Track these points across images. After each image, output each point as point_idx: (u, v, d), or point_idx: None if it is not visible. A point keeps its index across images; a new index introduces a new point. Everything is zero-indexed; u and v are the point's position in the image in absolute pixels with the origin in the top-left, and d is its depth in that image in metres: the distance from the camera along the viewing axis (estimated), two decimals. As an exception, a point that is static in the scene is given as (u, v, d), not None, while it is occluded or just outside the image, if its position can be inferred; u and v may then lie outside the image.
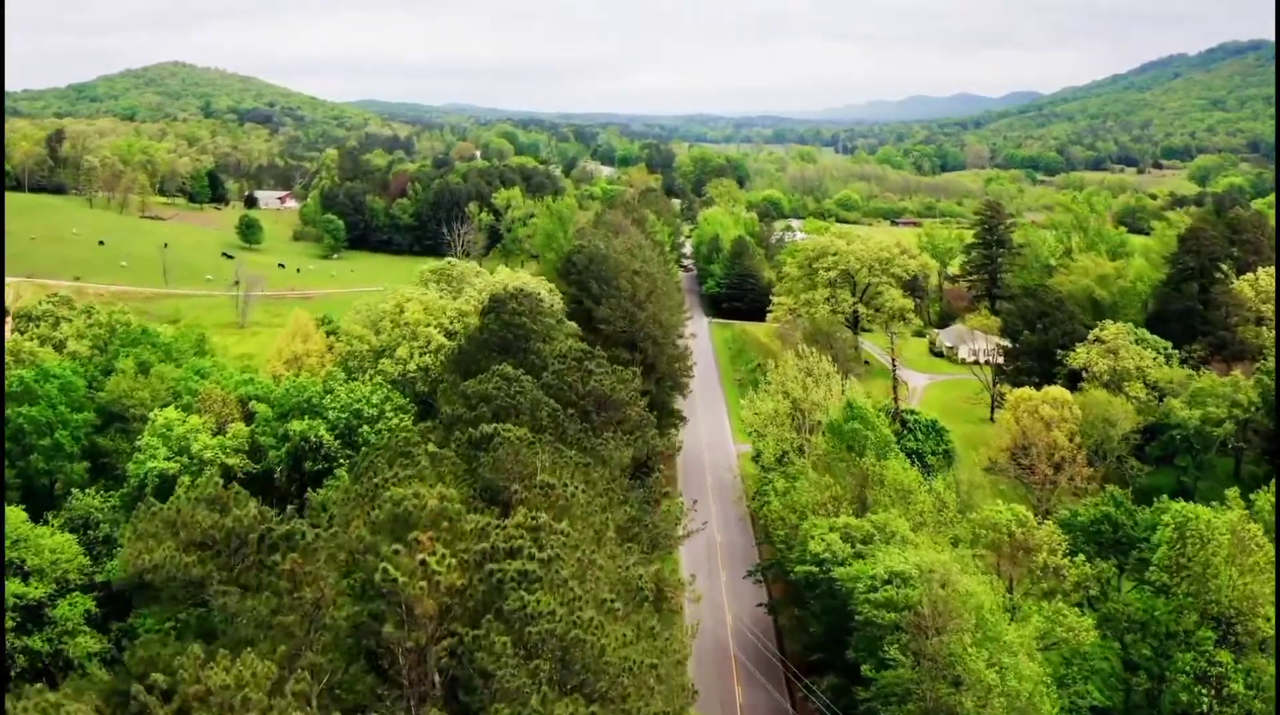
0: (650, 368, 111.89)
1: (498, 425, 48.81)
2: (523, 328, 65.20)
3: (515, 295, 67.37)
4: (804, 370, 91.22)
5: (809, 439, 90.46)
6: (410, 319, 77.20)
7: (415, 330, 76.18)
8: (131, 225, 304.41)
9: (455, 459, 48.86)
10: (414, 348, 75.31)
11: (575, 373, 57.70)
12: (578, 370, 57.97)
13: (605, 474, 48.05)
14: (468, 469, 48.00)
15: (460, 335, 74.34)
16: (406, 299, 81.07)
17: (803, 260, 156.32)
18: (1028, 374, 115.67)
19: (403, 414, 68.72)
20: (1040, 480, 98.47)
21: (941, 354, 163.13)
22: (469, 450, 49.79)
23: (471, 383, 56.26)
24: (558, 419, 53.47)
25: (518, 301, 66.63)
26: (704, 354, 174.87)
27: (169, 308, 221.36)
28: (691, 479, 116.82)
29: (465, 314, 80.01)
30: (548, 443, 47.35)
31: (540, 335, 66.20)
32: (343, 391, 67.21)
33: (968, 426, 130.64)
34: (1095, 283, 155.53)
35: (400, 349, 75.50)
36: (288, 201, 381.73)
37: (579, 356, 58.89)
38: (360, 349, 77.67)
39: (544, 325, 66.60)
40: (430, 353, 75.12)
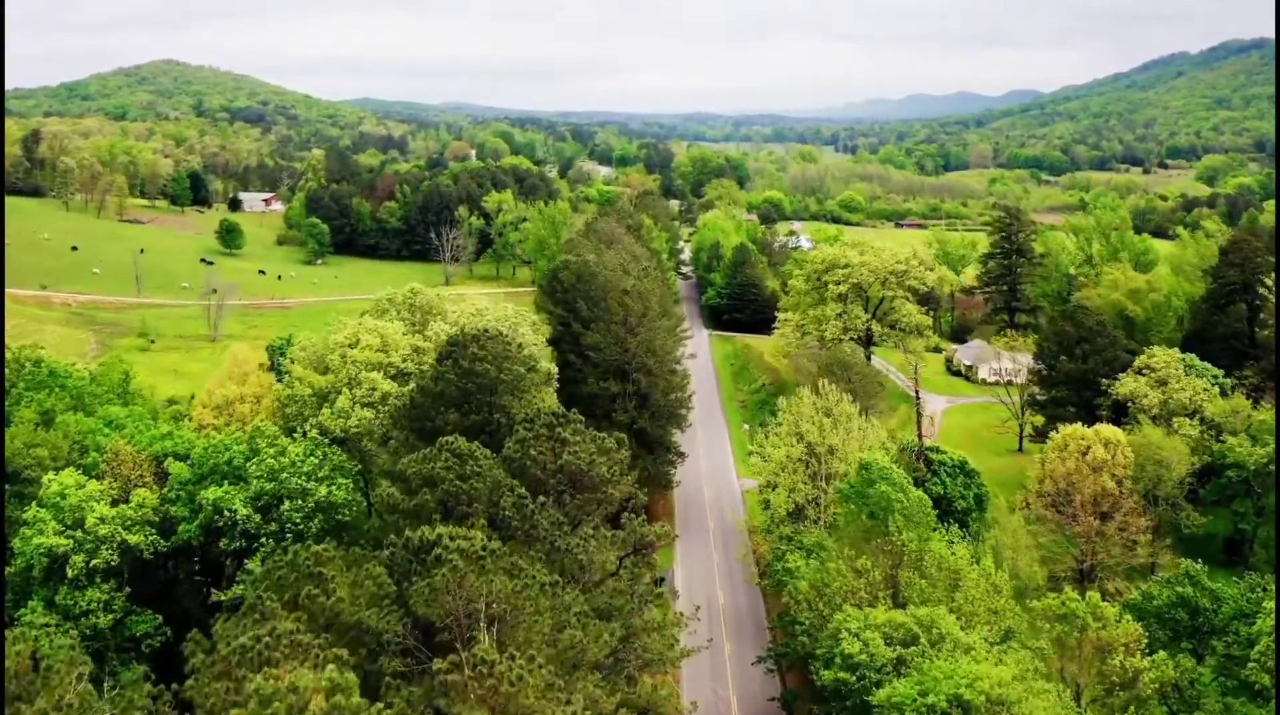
0: (644, 399, 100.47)
1: (441, 530, 37.14)
2: (486, 377, 53.60)
3: (478, 337, 55.68)
4: (821, 409, 79.48)
5: (825, 489, 78.84)
6: (357, 358, 65.49)
7: (358, 375, 64.42)
8: (108, 230, 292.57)
9: (384, 578, 37.16)
10: (356, 396, 63.64)
11: (546, 443, 46.01)
12: (549, 439, 46.27)
13: (577, 603, 36.39)
14: (399, 594, 36.37)
15: (415, 378, 62.55)
16: (358, 333, 69.29)
17: (811, 273, 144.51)
18: (1063, 404, 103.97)
19: (341, 477, 57.01)
20: (1086, 532, 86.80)
21: (960, 373, 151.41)
22: (405, 558, 38.07)
23: (413, 460, 44.59)
24: (523, 510, 41.77)
25: (480, 345, 54.99)
26: (704, 371, 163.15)
27: (139, 318, 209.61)
28: (691, 518, 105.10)
29: (423, 352, 68.11)
30: (503, 558, 35.59)
31: (508, 386, 54.56)
32: (269, 453, 55.45)
33: (995, 459, 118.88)
34: (1126, 298, 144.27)
35: (341, 398, 63.81)
36: (273, 204, 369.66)
37: (550, 422, 47.14)
38: (300, 393, 65.99)
39: (512, 374, 54.95)
40: (373, 404, 63.40)
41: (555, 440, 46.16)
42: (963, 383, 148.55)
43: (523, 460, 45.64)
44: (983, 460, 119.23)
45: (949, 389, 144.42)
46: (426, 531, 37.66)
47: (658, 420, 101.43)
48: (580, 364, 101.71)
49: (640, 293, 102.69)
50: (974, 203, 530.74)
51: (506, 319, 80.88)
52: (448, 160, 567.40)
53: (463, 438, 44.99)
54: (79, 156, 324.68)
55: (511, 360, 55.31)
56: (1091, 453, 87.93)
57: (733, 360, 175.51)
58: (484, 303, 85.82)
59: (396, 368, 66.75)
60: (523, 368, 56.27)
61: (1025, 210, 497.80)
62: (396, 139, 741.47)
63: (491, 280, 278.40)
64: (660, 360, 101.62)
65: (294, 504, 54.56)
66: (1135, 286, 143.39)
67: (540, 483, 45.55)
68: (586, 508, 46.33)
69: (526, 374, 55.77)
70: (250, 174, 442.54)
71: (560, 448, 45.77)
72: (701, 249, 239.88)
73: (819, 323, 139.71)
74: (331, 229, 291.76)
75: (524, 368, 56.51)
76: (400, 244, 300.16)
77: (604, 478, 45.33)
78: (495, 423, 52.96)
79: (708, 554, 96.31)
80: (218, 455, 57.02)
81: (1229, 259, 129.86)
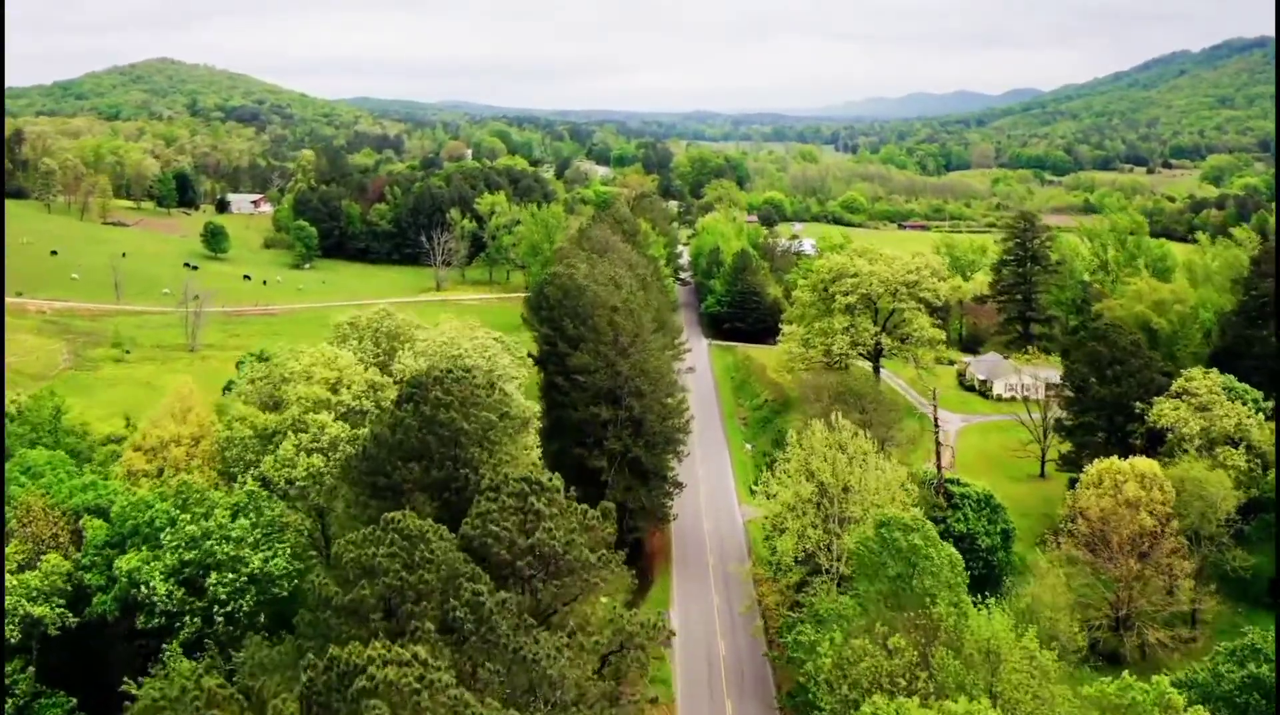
0: (638, 425, 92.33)
1: (373, 650, 29.13)
2: (450, 426, 45.65)
3: (442, 378, 47.70)
4: (834, 444, 71.44)
5: (838, 532, 70.79)
6: (304, 396, 57.32)
7: (304, 416, 56.29)
8: (90, 233, 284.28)
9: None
10: (302, 441, 55.53)
11: (514, 516, 37.99)
12: (517, 511, 38.26)
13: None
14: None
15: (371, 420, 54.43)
16: (313, 363, 61.09)
17: (816, 282, 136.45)
18: (1093, 430, 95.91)
19: (281, 543, 49.00)
20: (1125, 576, 78.83)
21: (973, 388, 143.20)
22: (325, 687, 30.02)
23: (352, 542, 36.50)
24: (480, 610, 33.70)
25: (445, 387, 47.03)
26: (703, 385, 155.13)
27: (116, 327, 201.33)
28: (690, 554, 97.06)
29: (380, 388, 59.95)
30: (445, 692, 27.52)
31: (475, 437, 46.53)
32: (194, 514, 47.28)
33: (1015, 486, 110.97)
34: (1150, 310, 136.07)
35: (285, 443, 55.70)
36: (262, 205, 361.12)
37: (520, 491, 39.06)
38: (240, 435, 57.88)
39: (482, 422, 46.94)
40: (321, 451, 55.27)
41: (526, 513, 38.14)
42: (977, 399, 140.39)
43: (485, 538, 37.59)
44: (1002, 487, 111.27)
45: (962, 406, 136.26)
46: (355, 652, 29.59)
47: (653, 448, 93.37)
48: (568, 387, 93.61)
49: (632, 310, 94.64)
50: (977, 203, 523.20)
51: (483, 349, 72.51)
52: (443, 160, 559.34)
53: (413, 516, 36.88)
54: (62, 157, 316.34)
55: (481, 406, 47.34)
56: (1125, 489, 79.95)
57: (733, 372, 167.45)
58: (460, 328, 77.44)
59: (347, 406, 58.50)
60: (494, 414, 48.14)
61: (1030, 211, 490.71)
62: (392, 138, 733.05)
63: (484, 285, 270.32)
64: (655, 383, 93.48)
65: (223, 576, 46.58)
66: (1160, 297, 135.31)
67: (506, 566, 37.52)
68: (564, 595, 38.26)
69: (498, 422, 47.64)
70: (241, 174, 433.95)
71: (532, 523, 37.75)
72: (701, 254, 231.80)
73: (825, 336, 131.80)
74: (320, 232, 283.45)
75: (496, 414, 48.35)
76: (391, 247, 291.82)
77: (585, 561, 37.27)
78: (461, 479, 45.03)
79: (707, 595, 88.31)
80: (138, 514, 49.03)
81: (1262, 269, 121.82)
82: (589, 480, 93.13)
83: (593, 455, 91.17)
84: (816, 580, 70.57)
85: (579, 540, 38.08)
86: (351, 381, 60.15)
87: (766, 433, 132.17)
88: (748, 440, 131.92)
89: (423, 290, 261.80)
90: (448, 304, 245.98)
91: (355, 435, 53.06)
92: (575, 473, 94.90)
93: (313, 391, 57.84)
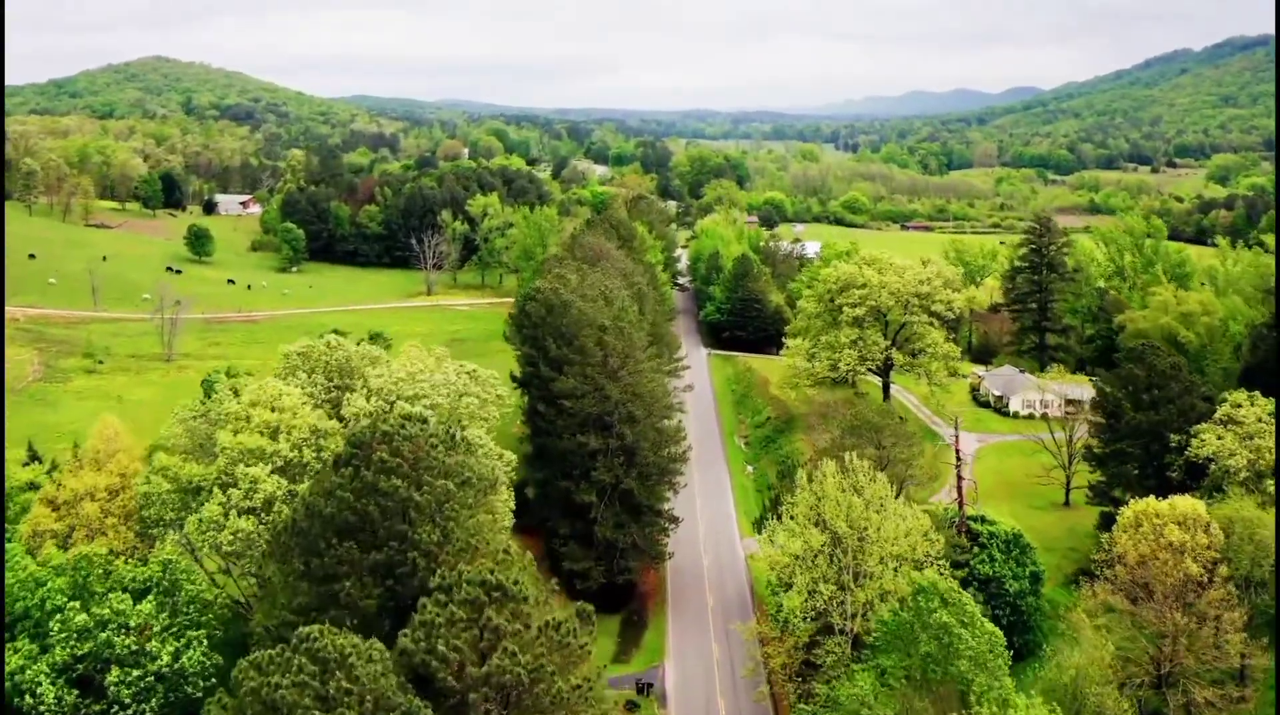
0: (630, 455, 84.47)
1: None
2: (395, 496, 37.76)
3: (390, 436, 39.64)
4: (849, 487, 63.49)
5: (853, 588, 62.82)
6: (228, 447, 49.07)
7: (234, 468, 48.25)
8: (71, 236, 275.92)
9: None
10: (232, 499, 47.44)
11: (466, 631, 30.05)
12: (470, 625, 30.31)
13: None
14: None
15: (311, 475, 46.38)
16: (253, 402, 52.92)
17: (822, 292, 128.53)
18: (1126, 460, 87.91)
19: (193, 633, 41.07)
20: (1170, 631, 70.78)
21: (988, 404, 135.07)
22: None
23: (253, 666, 28.55)
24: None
25: (392, 447, 39.13)
26: (702, 399, 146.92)
27: (90, 336, 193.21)
28: (687, 595, 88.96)
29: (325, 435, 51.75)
30: None
31: (428, 511, 38.56)
32: (75, 608, 39.14)
33: (1038, 515, 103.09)
34: (1177, 322, 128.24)
35: (211, 503, 47.64)
36: (251, 206, 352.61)
37: (475, 599, 31.10)
38: (158, 491, 49.71)
39: (435, 493, 38.97)
40: (253, 512, 47.15)
41: (482, 628, 30.17)
42: (992, 416, 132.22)
43: (428, 658, 29.62)
44: (1024, 517, 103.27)
45: (977, 424, 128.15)
46: None
47: (646, 480, 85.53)
48: (552, 414, 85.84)
49: (623, 329, 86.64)
50: (981, 203, 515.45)
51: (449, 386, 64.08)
52: (438, 159, 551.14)
53: (333, 633, 28.91)
54: (45, 157, 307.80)
55: (437, 470, 39.38)
56: (1167, 533, 72.02)
57: (734, 385, 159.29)
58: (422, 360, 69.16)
59: (285, 458, 50.42)
60: (454, 481, 40.09)
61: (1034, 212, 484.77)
62: (388, 137, 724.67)
63: (476, 289, 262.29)
64: (649, 408, 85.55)
65: (125, 674, 38.67)
66: (1187, 309, 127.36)
67: (455, 696, 29.51)
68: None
69: (457, 491, 39.61)
70: (231, 174, 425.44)
71: (489, 641, 29.81)
72: (700, 258, 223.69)
73: (831, 349, 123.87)
74: (308, 234, 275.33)
75: (456, 481, 40.29)
76: (381, 250, 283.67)
77: (557, 694, 29.27)
78: (409, 563, 37.11)
79: (706, 644, 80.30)
80: (27, 595, 41.05)
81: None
82: (576, 514, 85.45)
83: (580, 488, 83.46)
84: (828, 641, 62.70)
85: (549, 664, 30.18)
86: (292, 427, 52.02)
87: (769, 453, 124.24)
88: (749, 461, 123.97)
89: (413, 294, 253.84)
90: (438, 309, 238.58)
91: (294, 492, 45.14)
92: (562, 506, 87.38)
93: (243, 441, 49.74)
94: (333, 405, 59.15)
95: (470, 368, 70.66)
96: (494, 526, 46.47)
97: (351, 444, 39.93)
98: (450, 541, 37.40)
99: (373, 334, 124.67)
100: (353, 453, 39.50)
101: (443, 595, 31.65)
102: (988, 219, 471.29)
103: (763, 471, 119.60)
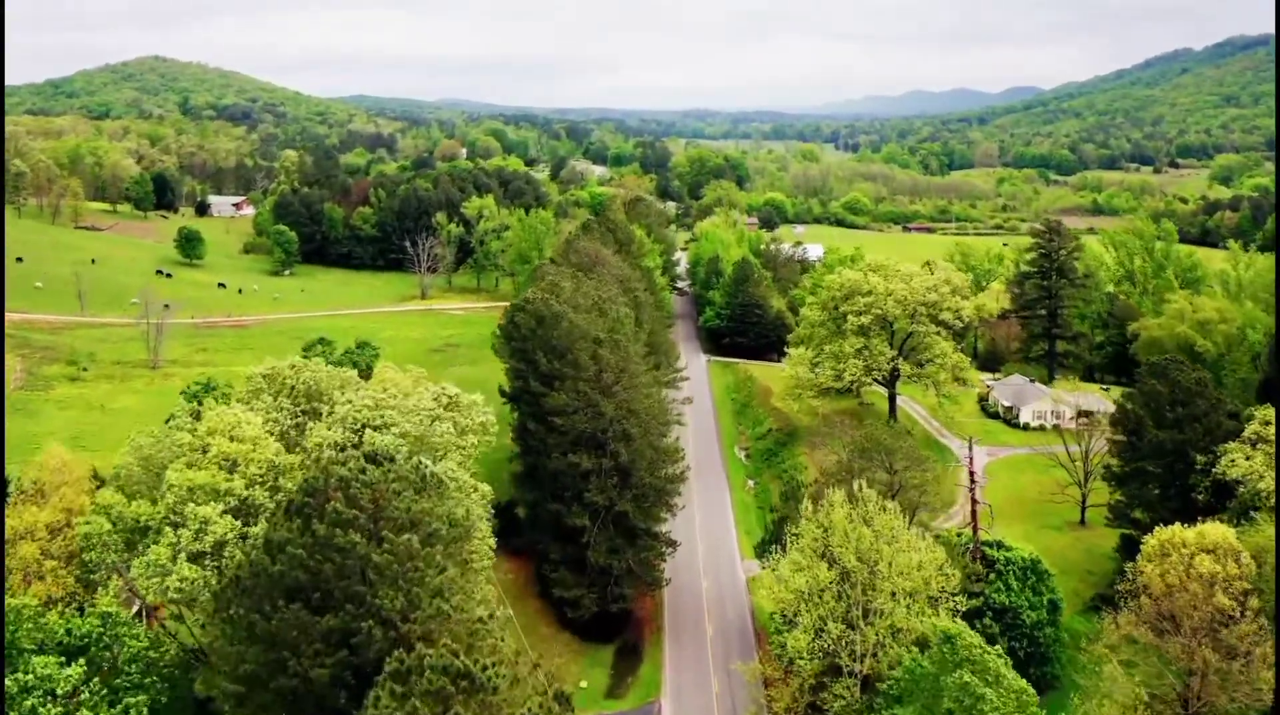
0: (624, 476, 79.96)
1: None
2: (351, 553, 33.13)
3: (347, 482, 34.94)
4: (859, 518, 58.97)
5: (863, 626, 58.31)
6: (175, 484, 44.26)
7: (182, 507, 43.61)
8: (59, 238, 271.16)
9: None
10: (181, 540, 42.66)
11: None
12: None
13: None
14: None
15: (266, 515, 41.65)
16: (211, 431, 48.31)
17: (826, 300, 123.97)
18: (1148, 481, 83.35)
19: (133, 699, 36.51)
20: (1200, 668, 66.18)
21: (998, 416, 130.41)
22: None
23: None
24: None
25: (349, 495, 34.48)
26: (701, 408, 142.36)
27: (73, 341, 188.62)
28: (685, 621, 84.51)
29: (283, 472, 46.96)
30: None
31: (389, 573, 33.78)
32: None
33: (1053, 535, 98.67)
34: (1194, 330, 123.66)
35: (159, 544, 42.94)
36: (244, 208, 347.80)
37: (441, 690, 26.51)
38: (99, 531, 45.01)
39: (398, 551, 34.17)
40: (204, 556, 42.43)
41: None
42: (1001, 428, 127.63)
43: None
44: (1038, 537, 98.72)
45: (987, 436, 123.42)
46: None
47: (642, 502, 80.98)
48: (543, 432, 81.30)
49: (618, 342, 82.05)
50: (983, 204, 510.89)
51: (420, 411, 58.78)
52: (436, 160, 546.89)
53: None
54: (34, 159, 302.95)
55: (400, 522, 34.74)
56: (1197, 564, 67.49)
57: (734, 393, 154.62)
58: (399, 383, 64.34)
59: (239, 497, 45.67)
60: (419, 535, 35.28)
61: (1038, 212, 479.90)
62: (385, 137, 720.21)
63: (472, 293, 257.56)
64: (645, 426, 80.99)
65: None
66: (1204, 317, 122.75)
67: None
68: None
69: (422, 548, 34.74)
70: (225, 175, 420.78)
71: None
72: (699, 262, 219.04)
73: (836, 359, 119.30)
74: (301, 236, 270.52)
75: (422, 534, 35.54)
76: (375, 252, 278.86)
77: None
78: (365, 635, 32.48)
79: (705, 678, 75.82)
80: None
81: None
82: (568, 538, 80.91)
83: (572, 511, 78.89)
84: (837, 683, 58.21)
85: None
86: (250, 460, 47.29)
87: (771, 467, 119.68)
88: (750, 475, 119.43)
89: (407, 298, 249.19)
90: (432, 313, 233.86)
91: (246, 535, 40.54)
92: (553, 529, 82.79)
93: (193, 477, 45.08)
94: (299, 430, 54.51)
95: (451, 392, 65.89)
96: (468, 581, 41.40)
97: (304, 490, 35.14)
98: (415, 607, 32.77)
99: (360, 342, 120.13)
100: (305, 501, 34.85)
101: (399, 684, 27.20)
102: (990, 220, 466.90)
103: (764, 486, 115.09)
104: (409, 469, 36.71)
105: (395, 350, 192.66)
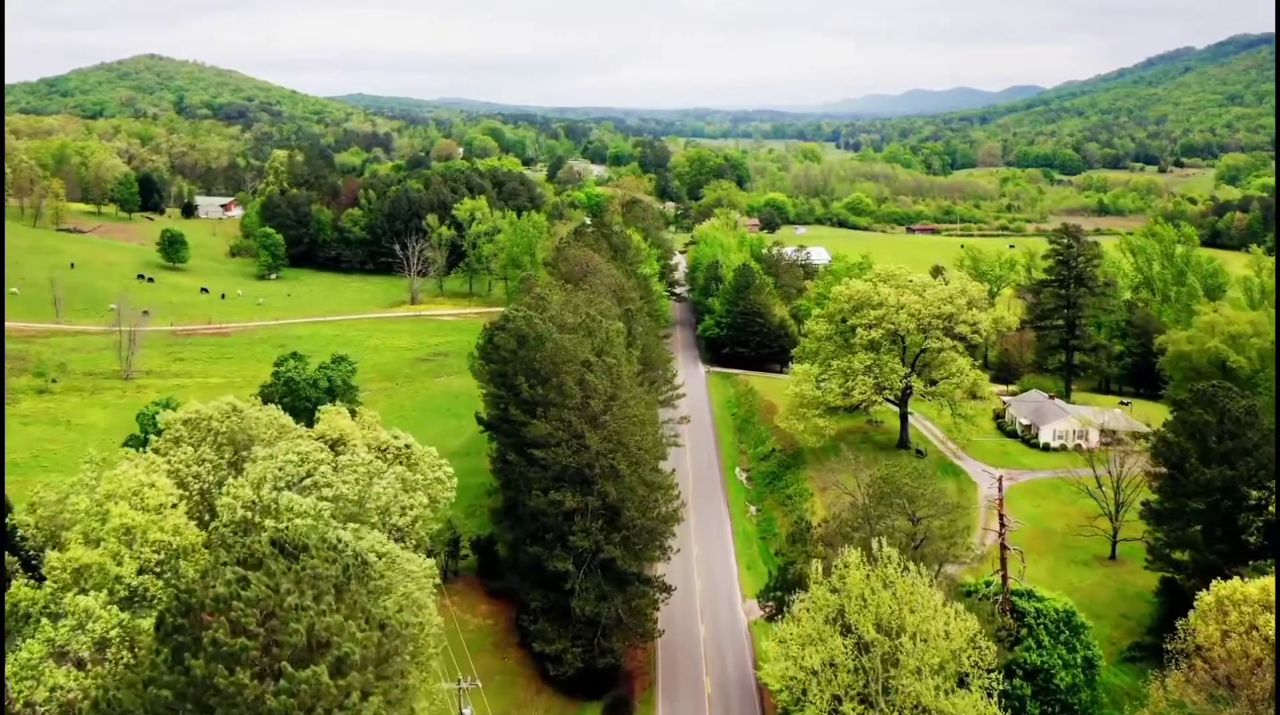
0: (613, 516, 72.06)
1: None
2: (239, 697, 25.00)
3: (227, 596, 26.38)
4: (878, 580, 51.11)
5: (883, 706, 50.40)
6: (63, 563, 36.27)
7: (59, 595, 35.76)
8: (39, 242, 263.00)
9: None
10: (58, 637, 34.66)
11: None
12: None
13: None
14: None
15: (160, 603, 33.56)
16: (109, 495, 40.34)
17: (834, 312, 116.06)
18: (1192, 519, 75.34)
19: None
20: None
21: (1015, 434, 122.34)
22: None
23: None
24: None
25: (242, 609, 26.21)
26: (700, 424, 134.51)
27: (45, 351, 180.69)
28: (679, 676, 76.51)
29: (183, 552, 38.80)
30: None
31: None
32: None
33: (1081, 571, 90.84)
34: (1225, 345, 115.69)
35: (35, 638, 35.03)
36: (232, 209, 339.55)
37: None
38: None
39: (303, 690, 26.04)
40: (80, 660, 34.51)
41: None
42: (1020, 448, 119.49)
43: None
44: (1065, 574, 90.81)
45: (1003, 457, 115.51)
46: None
47: (632, 546, 73.09)
48: (523, 465, 73.47)
49: (609, 366, 74.12)
50: (987, 204, 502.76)
51: (363, 471, 49.84)
52: (431, 159, 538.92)
53: None
54: (16, 159, 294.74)
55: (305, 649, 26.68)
56: (1260, 623, 59.52)
57: (735, 408, 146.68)
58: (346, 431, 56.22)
59: (128, 585, 37.58)
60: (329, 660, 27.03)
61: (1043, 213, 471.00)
62: (382, 136, 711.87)
63: (463, 297, 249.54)
64: (636, 461, 73.12)
65: None
66: (1236, 330, 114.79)
67: None
68: None
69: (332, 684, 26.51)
70: (215, 176, 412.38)
71: None
72: (699, 267, 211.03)
73: (844, 376, 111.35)
74: (288, 239, 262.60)
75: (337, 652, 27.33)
76: (364, 256, 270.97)
77: None
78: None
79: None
80: None
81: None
82: (550, 585, 72.99)
83: (554, 554, 70.99)
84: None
85: None
86: (147, 539, 39.09)
87: (774, 492, 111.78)
88: (752, 500, 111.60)
89: (396, 303, 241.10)
90: (421, 319, 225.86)
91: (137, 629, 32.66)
92: (534, 574, 74.91)
93: (77, 556, 37.15)
94: (220, 487, 46.54)
95: (404, 440, 57.68)
96: (401, 711, 33.02)
97: (175, 610, 26.84)
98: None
99: (335, 357, 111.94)
100: (176, 623, 26.79)
101: None
102: (995, 221, 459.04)
103: (767, 513, 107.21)
104: (324, 561, 28.75)
105: (379, 361, 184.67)
